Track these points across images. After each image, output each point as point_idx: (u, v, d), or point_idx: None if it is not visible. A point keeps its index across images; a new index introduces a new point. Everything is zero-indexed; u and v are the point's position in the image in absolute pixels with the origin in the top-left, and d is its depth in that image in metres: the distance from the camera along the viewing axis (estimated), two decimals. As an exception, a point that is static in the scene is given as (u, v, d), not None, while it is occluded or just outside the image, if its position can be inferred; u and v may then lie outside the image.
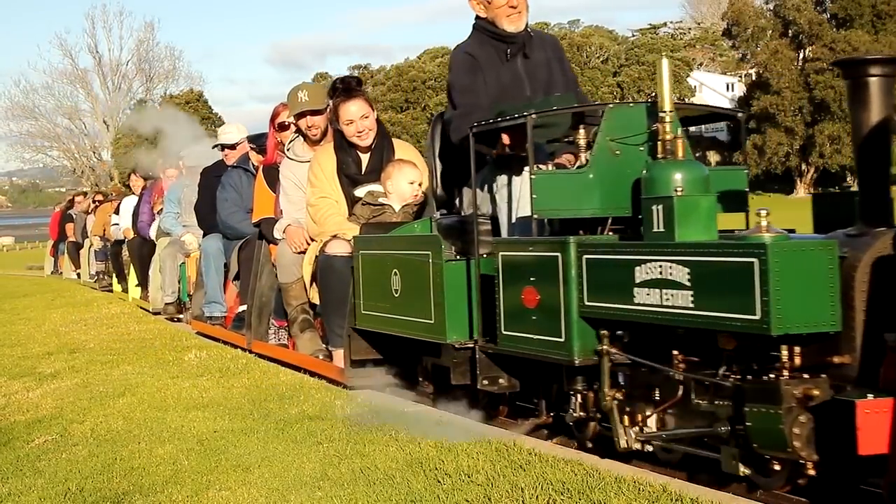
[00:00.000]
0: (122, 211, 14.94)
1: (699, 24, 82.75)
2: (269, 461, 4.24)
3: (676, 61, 67.77)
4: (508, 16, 5.25)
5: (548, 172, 4.37)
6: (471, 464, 3.91)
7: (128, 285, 14.23)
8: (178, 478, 4.15)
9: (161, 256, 11.39)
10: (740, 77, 69.53)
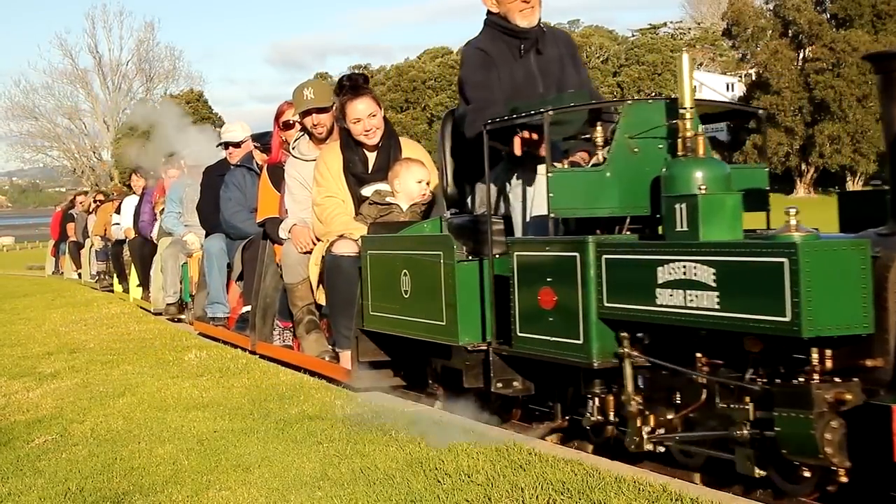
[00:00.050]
0: (123, 211, 14.89)
1: (699, 24, 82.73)
2: (269, 461, 4.22)
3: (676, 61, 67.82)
4: (521, 11, 5.14)
5: (565, 170, 4.26)
6: (471, 464, 3.88)
7: (129, 285, 14.16)
8: (178, 478, 4.13)
9: (163, 256, 11.31)
10: (740, 77, 69.46)
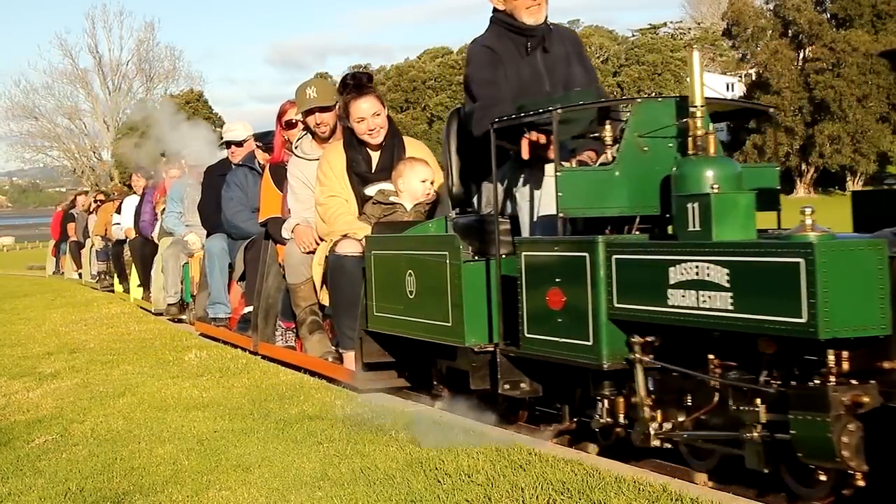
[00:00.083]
0: (123, 210, 14.85)
1: (699, 24, 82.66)
2: (269, 461, 4.21)
3: (676, 61, 67.83)
4: (528, 8, 5.08)
5: (574, 169, 4.20)
6: (471, 464, 3.86)
7: (129, 286, 14.11)
8: (179, 478, 4.12)
9: (164, 256, 11.26)
10: (740, 77, 69.41)
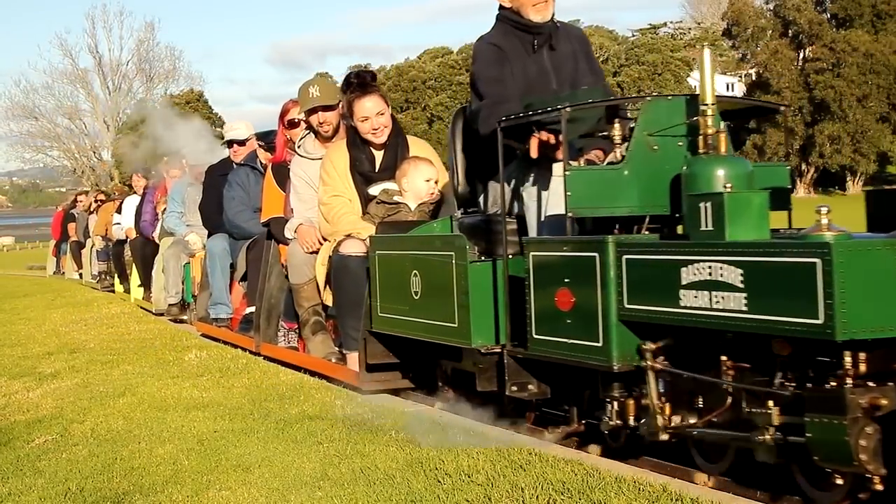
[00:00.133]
0: (124, 210, 14.80)
1: (699, 24, 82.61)
2: (269, 461, 4.19)
3: (676, 61, 67.83)
4: (535, 5, 5.01)
5: (583, 168, 4.15)
6: (471, 464, 3.84)
7: (130, 286, 14.06)
8: (179, 478, 4.10)
9: (164, 256, 11.20)
10: (740, 77, 69.35)
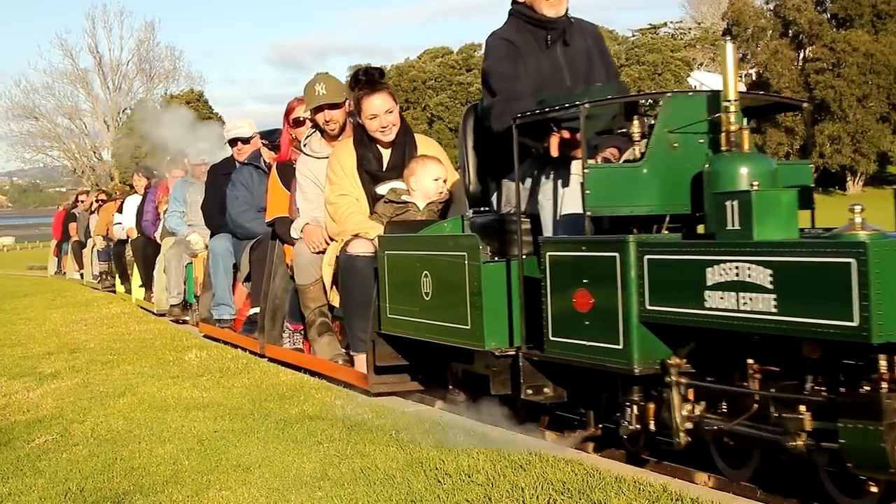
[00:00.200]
0: (125, 210, 14.71)
1: (699, 24, 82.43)
2: (269, 461, 4.18)
3: (677, 61, 67.76)
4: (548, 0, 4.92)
5: (602, 166, 4.04)
6: (471, 464, 3.81)
7: (131, 286, 13.95)
8: (179, 478, 4.09)
9: (166, 257, 11.10)
10: (740, 77, 69.08)
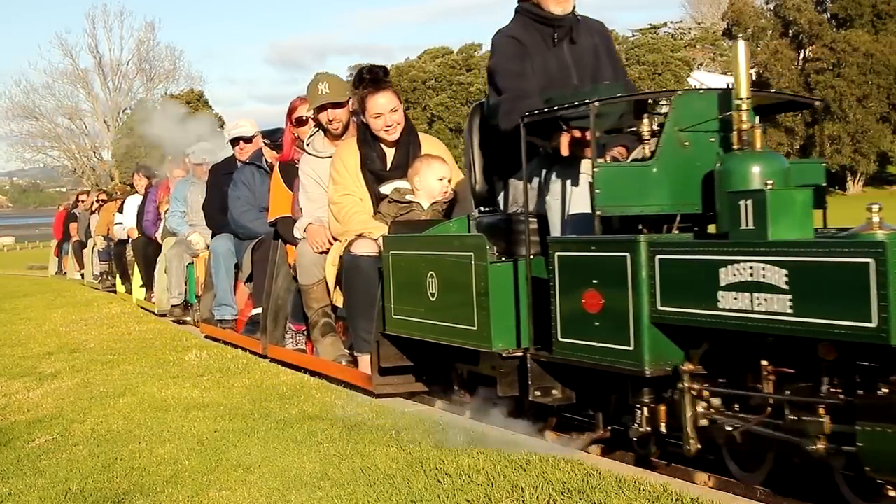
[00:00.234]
0: (125, 210, 14.68)
1: (699, 24, 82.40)
2: (269, 461, 4.17)
3: (677, 61, 67.72)
4: None
5: (612, 165, 3.99)
6: (471, 464, 3.81)
7: (132, 286, 13.91)
8: (179, 478, 4.08)
9: (167, 257, 11.06)
10: (740, 77, 69.00)
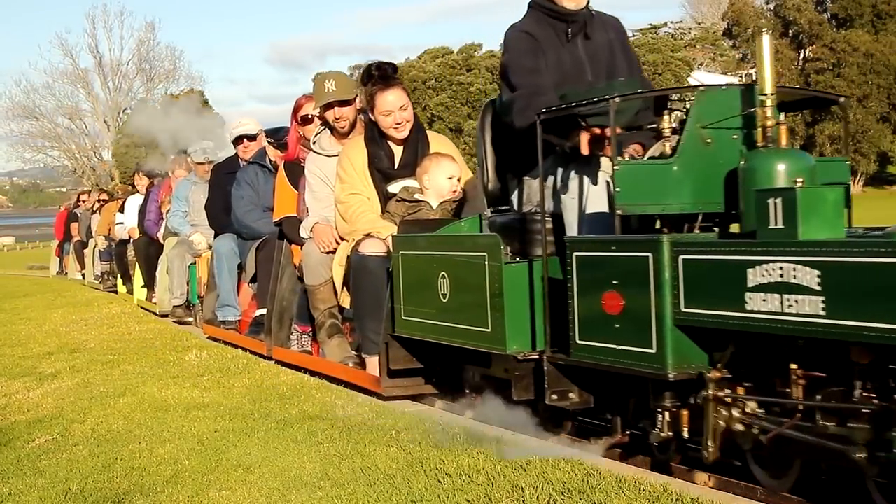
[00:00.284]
0: (126, 210, 14.59)
1: (699, 24, 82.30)
2: (269, 461, 4.17)
3: (677, 61, 67.64)
4: None
5: (632, 163, 3.89)
6: (471, 464, 3.80)
7: (133, 286, 13.81)
8: (179, 478, 4.08)
9: (169, 257, 10.95)
10: (740, 77, 68.81)
